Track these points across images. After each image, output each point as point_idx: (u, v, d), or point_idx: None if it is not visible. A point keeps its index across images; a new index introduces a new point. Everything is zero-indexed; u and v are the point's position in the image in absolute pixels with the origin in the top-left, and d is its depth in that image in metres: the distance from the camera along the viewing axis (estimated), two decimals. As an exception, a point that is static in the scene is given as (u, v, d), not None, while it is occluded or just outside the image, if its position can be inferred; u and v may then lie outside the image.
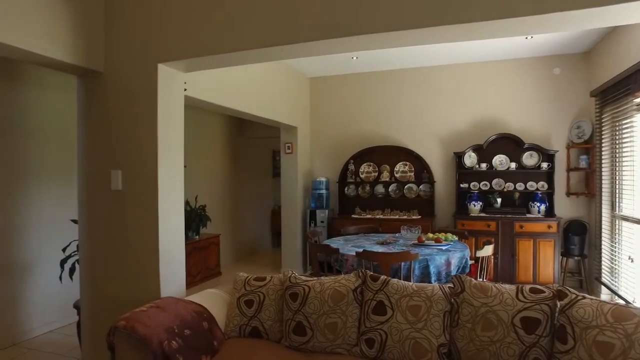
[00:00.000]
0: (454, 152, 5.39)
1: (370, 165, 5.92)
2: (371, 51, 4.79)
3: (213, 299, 2.57)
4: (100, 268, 2.72)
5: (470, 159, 5.33)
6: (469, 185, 5.29)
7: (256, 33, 2.31)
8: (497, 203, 5.14)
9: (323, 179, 5.88)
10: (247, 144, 7.50)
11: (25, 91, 3.69)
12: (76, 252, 3.21)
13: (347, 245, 3.70)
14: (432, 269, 3.13)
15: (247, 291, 2.48)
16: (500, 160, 5.22)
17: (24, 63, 3.62)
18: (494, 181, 5.26)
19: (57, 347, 3.48)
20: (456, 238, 3.89)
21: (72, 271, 3.20)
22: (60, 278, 3.34)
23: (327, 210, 5.76)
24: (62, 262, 3.20)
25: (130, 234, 2.61)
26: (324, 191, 5.84)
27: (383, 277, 2.25)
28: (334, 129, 6.21)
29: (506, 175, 5.24)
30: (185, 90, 2.76)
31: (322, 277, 2.40)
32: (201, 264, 5.24)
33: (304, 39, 2.21)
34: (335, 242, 3.87)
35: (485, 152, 5.28)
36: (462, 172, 5.35)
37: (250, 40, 2.33)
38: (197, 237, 5.19)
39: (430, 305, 2.04)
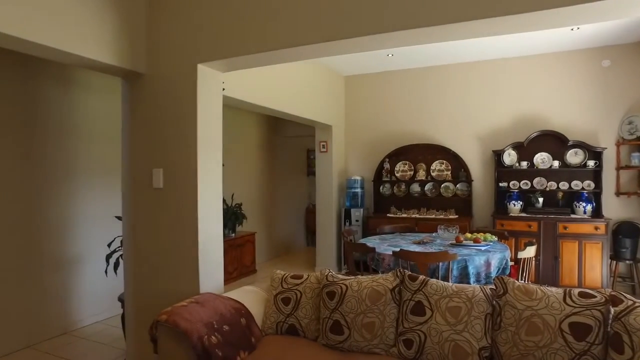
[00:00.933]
0: (493, 150, 5.23)
1: (405, 164, 5.84)
2: (408, 48, 4.73)
3: (250, 296, 2.60)
4: (143, 263, 2.82)
5: (509, 157, 5.16)
6: (509, 184, 5.12)
7: (294, 31, 2.32)
8: (538, 203, 4.95)
9: (358, 178, 5.85)
10: (282, 143, 7.57)
11: (74, 94, 3.86)
12: (120, 248, 3.33)
13: (383, 245, 3.66)
14: (471, 270, 3.05)
15: (284, 289, 2.50)
16: (542, 159, 5.02)
17: (73, 67, 3.80)
18: (535, 180, 5.07)
19: (103, 337, 3.63)
20: (495, 238, 3.77)
21: (116, 266, 3.33)
22: (106, 272, 3.49)
23: (362, 209, 5.73)
24: (108, 257, 3.34)
25: (170, 230, 2.68)
26: (358, 190, 5.81)
27: (422, 277, 2.20)
28: (369, 127, 6.17)
29: (548, 173, 5.03)
30: (223, 89, 2.80)
31: (359, 276, 2.38)
32: (237, 261, 5.33)
33: (343, 36, 2.20)
34: (371, 241, 3.84)
35: (526, 149, 5.09)
36: (501, 171, 5.19)
37: (288, 38, 2.34)
38: (234, 234, 5.29)
39: (471, 307, 1.98)
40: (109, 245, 3.49)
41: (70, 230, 3.82)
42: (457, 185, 5.55)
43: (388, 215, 5.64)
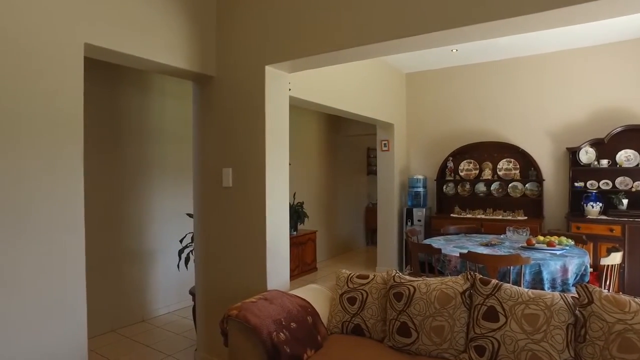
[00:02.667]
0: (567, 148, 4.89)
1: (470, 163, 5.62)
2: (473, 42, 4.54)
3: (315, 294, 2.63)
4: (213, 259, 2.94)
5: (587, 155, 4.79)
6: (585, 184, 4.76)
7: (359, 31, 2.31)
8: (622, 204, 4.55)
9: (420, 177, 5.72)
10: (343, 142, 7.58)
11: (150, 98, 4.12)
12: (191, 244, 3.50)
13: (449, 246, 3.55)
14: (546, 275, 2.87)
15: (350, 288, 2.50)
16: (627, 156, 4.61)
17: (150, 73, 4.06)
18: (618, 180, 4.66)
19: (175, 327, 3.85)
20: (572, 242, 3.52)
21: (187, 260, 3.50)
22: (178, 266, 3.69)
23: (424, 209, 5.60)
24: (180, 252, 3.53)
25: (239, 228, 2.78)
26: (421, 189, 5.68)
27: (494, 281, 2.11)
28: (431, 125, 6.01)
29: (635, 173, 4.61)
30: (289, 90, 2.85)
31: (427, 278, 2.33)
32: (298, 259, 5.42)
33: (410, 34, 2.15)
34: (436, 242, 3.73)
35: (606, 146, 4.70)
36: (576, 170, 4.83)
37: (352, 38, 2.33)
38: (295, 233, 5.38)
39: (551, 316, 1.86)
40: (180, 241, 3.69)
41: (146, 226, 4.09)
42: (526, 185, 5.25)
43: (452, 215, 5.47)
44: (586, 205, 4.65)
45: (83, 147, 2.14)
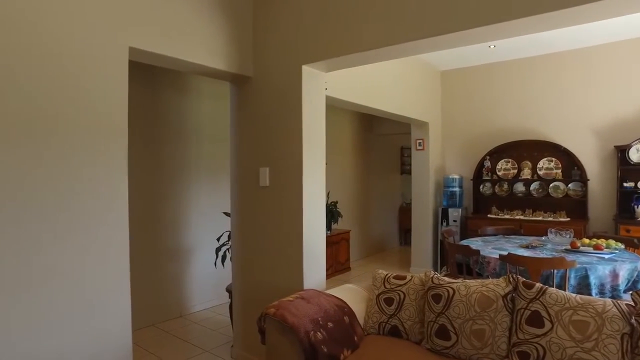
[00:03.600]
0: (615, 146, 4.66)
1: (508, 162, 5.46)
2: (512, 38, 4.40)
3: (352, 294, 2.62)
4: (249, 257, 2.98)
5: (638, 154, 4.54)
6: (636, 185, 4.52)
7: (396, 29, 2.28)
8: (675, 206, 4.30)
9: (456, 176, 5.60)
10: (376, 141, 7.52)
11: (187, 99, 4.22)
12: (228, 242, 3.57)
13: (487, 247, 3.46)
14: (593, 280, 2.74)
15: (387, 289, 2.47)
16: (681, 155, 4.35)
17: (187, 74, 4.16)
18: (671, 179, 4.41)
19: (211, 324, 3.93)
20: (622, 246, 3.34)
21: (223, 258, 3.57)
22: (215, 264, 3.77)
23: (460, 209, 5.48)
24: (217, 250, 3.59)
25: (276, 227, 2.80)
26: (456, 189, 5.56)
27: (538, 284, 2.03)
28: (467, 124, 5.87)
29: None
30: (325, 89, 2.85)
31: (466, 280, 2.27)
32: (332, 259, 5.42)
33: (447, 31, 2.11)
34: (474, 243, 3.64)
35: (658, 144, 4.45)
36: (625, 169, 4.59)
37: (389, 36, 2.30)
38: (329, 232, 5.38)
39: (602, 324, 1.77)
40: (218, 239, 3.76)
41: (183, 224, 4.19)
42: (569, 185, 5.04)
43: (489, 216, 5.32)
44: (637, 207, 4.42)
45: (127, 147, 2.21)
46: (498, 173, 5.49)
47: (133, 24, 2.22)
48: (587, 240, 3.39)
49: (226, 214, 3.66)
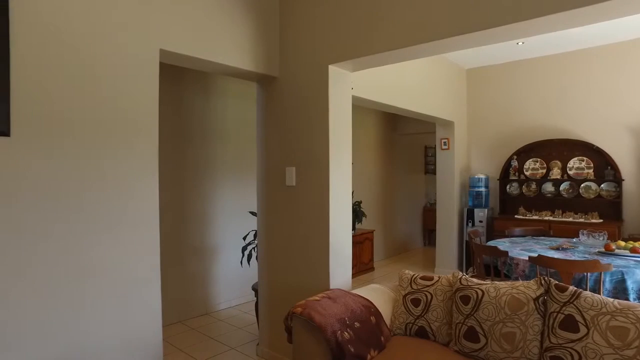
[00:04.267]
0: (651, 145, 4.50)
1: (537, 161, 5.33)
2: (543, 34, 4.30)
3: (378, 294, 2.61)
4: (276, 256, 3.00)
5: (674, 153, 4.37)
6: (673, 185, 4.35)
7: (423, 28, 2.25)
8: None
9: (482, 176, 5.50)
10: (400, 140, 7.47)
11: (213, 99, 4.29)
12: (253, 241, 3.60)
13: (516, 249, 3.39)
14: (630, 285, 2.65)
15: (414, 289, 2.45)
16: None
17: (213, 75, 4.22)
18: None
19: (236, 321, 3.97)
20: (659, 248, 3.22)
21: (249, 257, 3.60)
22: (241, 263, 3.81)
23: (486, 209, 5.38)
24: (243, 249, 3.63)
25: (302, 226, 2.81)
26: (482, 189, 5.46)
27: (572, 288, 1.97)
28: (493, 123, 5.76)
29: None
30: (352, 89, 2.84)
31: (495, 282, 2.23)
32: (356, 258, 5.41)
33: (475, 28, 2.07)
34: (502, 244, 3.58)
35: (697, 143, 4.27)
36: (662, 169, 4.43)
37: (417, 35, 2.28)
38: (353, 232, 5.37)
39: (642, 329, 1.71)
40: (244, 238, 3.80)
41: (209, 223, 4.26)
42: (602, 185, 4.88)
43: (516, 216, 5.21)
44: (672, 208, 4.25)
45: (157, 146, 2.26)
46: (526, 173, 5.37)
47: (163, 26, 2.27)
48: (622, 243, 3.28)
49: (252, 213, 3.69)
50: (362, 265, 5.60)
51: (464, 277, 2.30)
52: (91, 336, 2.00)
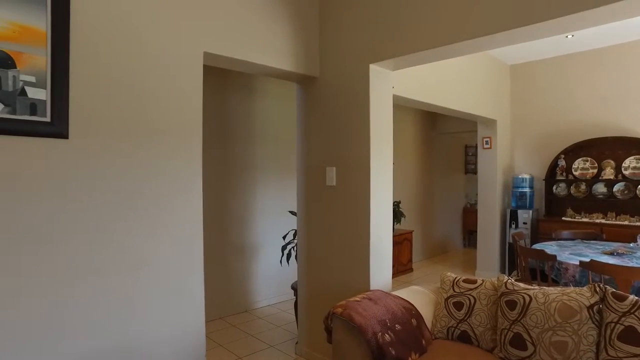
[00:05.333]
0: None
1: (586, 161, 5.07)
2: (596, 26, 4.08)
3: (418, 296, 2.56)
4: (315, 256, 3.01)
5: None
6: None
7: (466, 24, 2.19)
8: None
9: (526, 176, 5.29)
10: (439, 139, 7.31)
11: (253, 100, 4.35)
12: (293, 240, 3.63)
13: (564, 252, 3.24)
14: (693, 293, 2.47)
15: (456, 292, 2.39)
16: None
17: (253, 76, 4.28)
18: None
19: (275, 320, 4.02)
20: None
21: (288, 256, 3.63)
22: (280, 262, 3.85)
23: (530, 211, 5.17)
24: (283, 248, 3.67)
25: (342, 226, 2.80)
26: (527, 189, 5.26)
27: (632, 297, 1.86)
28: (539, 120, 5.52)
29: None
30: (392, 87, 2.81)
31: (543, 287, 2.14)
32: (394, 259, 5.34)
33: (523, 23, 1.98)
34: (549, 247, 3.43)
35: None
36: None
37: (460, 32, 2.22)
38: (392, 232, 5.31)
39: None
40: (283, 238, 3.84)
41: (249, 222, 4.33)
42: (660, 187, 4.58)
43: (563, 218, 4.98)
44: None
45: (202, 146, 2.32)
46: (574, 173, 5.12)
47: (207, 30, 2.32)
48: (683, 248, 3.06)
49: (292, 212, 3.72)
50: (400, 266, 5.53)
51: (509, 280, 2.22)
52: (140, 325, 2.08)
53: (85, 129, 1.89)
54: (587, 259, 2.73)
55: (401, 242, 5.48)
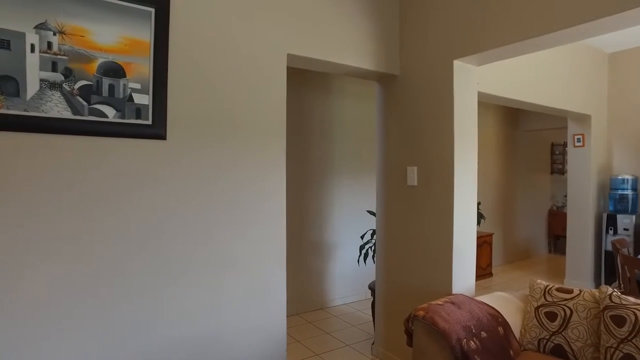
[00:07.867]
0: None
1: (702, 160, 4.47)
2: None
3: (504, 303, 2.43)
4: (395, 257, 2.97)
5: None
6: None
7: (559, 12, 2.02)
8: None
9: (628, 177, 4.79)
10: (522, 137, 6.87)
11: (331, 100, 4.40)
12: (371, 240, 3.61)
13: (677, 264, 2.88)
14: None
15: (548, 302, 2.23)
16: None
17: (331, 75, 4.33)
18: None
19: (351, 319, 4.03)
20: None
21: (365, 256, 3.62)
22: (358, 261, 3.86)
23: (633, 216, 4.67)
24: (361, 248, 3.66)
25: (423, 227, 2.74)
26: (628, 192, 4.76)
27: None
28: (643, 115, 4.97)
29: None
30: (477, 84, 2.68)
31: (656, 302, 1.92)
32: (473, 262, 5.12)
33: (630, 6, 1.79)
34: (657, 258, 3.07)
35: None
36: None
37: (552, 21, 2.05)
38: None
39: None
40: (361, 237, 3.84)
41: (327, 221, 4.39)
42: None
43: (672, 225, 4.44)
44: None
45: (285, 146, 2.39)
46: (687, 173, 4.55)
47: (290, 32, 2.39)
48: None
49: (370, 212, 3.70)
50: (479, 270, 5.28)
51: (615, 293, 2.02)
52: (229, 320, 2.20)
53: (180, 131, 2.03)
54: None
55: (481, 245, 5.23)
